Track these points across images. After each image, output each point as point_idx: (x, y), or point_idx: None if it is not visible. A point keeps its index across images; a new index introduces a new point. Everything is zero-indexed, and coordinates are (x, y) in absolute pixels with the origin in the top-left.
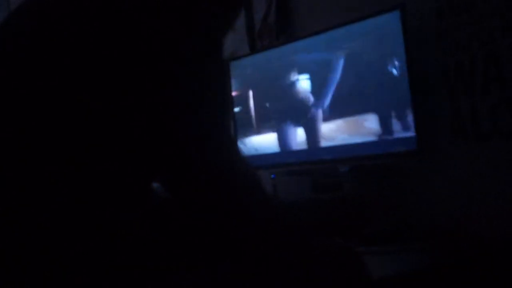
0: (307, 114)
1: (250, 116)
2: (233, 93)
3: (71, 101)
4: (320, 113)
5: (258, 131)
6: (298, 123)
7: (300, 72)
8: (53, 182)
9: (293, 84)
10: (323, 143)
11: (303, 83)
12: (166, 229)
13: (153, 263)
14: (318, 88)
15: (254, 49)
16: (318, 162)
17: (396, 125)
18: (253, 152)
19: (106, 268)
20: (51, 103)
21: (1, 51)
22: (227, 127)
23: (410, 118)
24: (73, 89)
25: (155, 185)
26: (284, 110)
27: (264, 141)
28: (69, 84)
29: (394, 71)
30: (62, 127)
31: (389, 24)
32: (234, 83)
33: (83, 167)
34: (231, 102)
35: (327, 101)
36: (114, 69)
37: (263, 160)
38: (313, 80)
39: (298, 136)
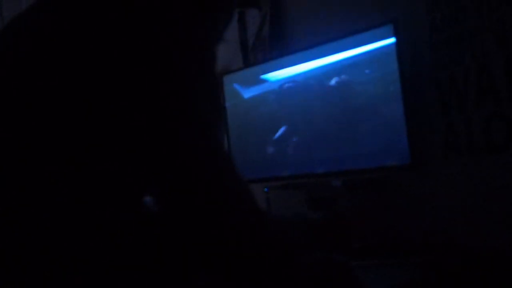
0: (301, 126)
1: (244, 129)
2: (226, 106)
3: (71, 101)
4: (314, 126)
5: (252, 144)
6: (292, 136)
7: (294, 84)
8: (53, 182)
9: (287, 97)
10: (317, 157)
11: (297, 95)
12: (161, 233)
13: (149, 265)
14: (312, 101)
15: (247, 63)
16: (311, 176)
17: (390, 138)
18: (246, 165)
19: (105, 269)
20: (51, 103)
21: (2, 52)
22: (219, 139)
23: (403, 131)
24: (72, 89)
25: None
26: (277, 124)
27: (257, 154)
28: (69, 84)
29: (388, 85)
30: (62, 127)
31: (382, 37)
32: (227, 96)
33: (82, 167)
34: (223, 115)
35: (321, 114)
36: (112, 70)
37: (256, 173)
38: (306, 93)
39: (292, 149)
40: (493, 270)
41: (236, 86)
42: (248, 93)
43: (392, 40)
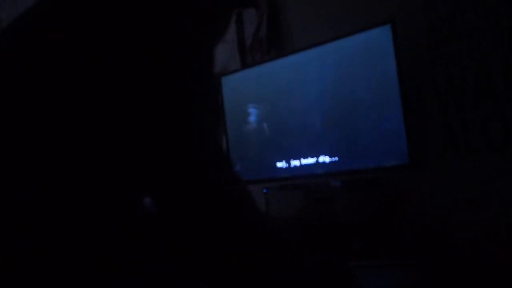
0: (299, 128)
1: (242, 130)
2: (224, 108)
3: (71, 103)
4: (312, 127)
5: (250, 145)
6: (290, 137)
7: (291, 86)
8: (53, 183)
9: (284, 98)
10: (315, 158)
11: (294, 97)
12: (159, 234)
13: (148, 266)
14: (309, 103)
15: (245, 64)
16: (310, 176)
17: (388, 139)
18: (245, 166)
19: (104, 269)
20: (52, 105)
21: (3, 53)
22: (217, 140)
23: (402, 132)
24: (73, 91)
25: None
26: (276, 125)
27: (256, 155)
28: (69, 86)
29: (386, 85)
30: (62, 129)
31: (380, 38)
32: (225, 97)
33: (82, 169)
34: (221, 117)
35: (319, 115)
36: (111, 72)
37: (256, 174)
38: (304, 94)
39: (290, 150)
40: (492, 271)
41: (234, 87)
42: (246, 94)
43: (389, 40)
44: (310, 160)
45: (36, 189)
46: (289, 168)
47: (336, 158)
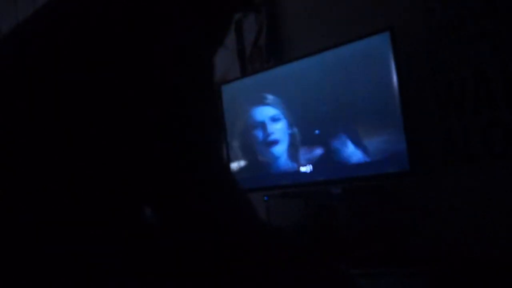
0: (299, 135)
1: (242, 138)
2: (224, 116)
3: (71, 110)
4: (312, 134)
5: (250, 153)
6: (291, 145)
7: (291, 94)
8: (53, 184)
9: (284, 106)
10: (316, 165)
11: (294, 105)
12: (159, 242)
13: (145, 272)
14: (309, 110)
15: (245, 73)
16: (311, 184)
17: (388, 146)
18: (245, 174)
19: (101, 270)
20: (53, 109)
21: (5, 56)
22: (218, 149)
23: (402, 139)
24: (74, 98)
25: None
26: (276, 133)
27: (256, 163)
28: (70, 93)
29: (386, 93)
30: (63, 130)
31: (379, 46)
32: (225, 106)
33: (82, 170)
34: (222, 125)
35: (319, 122)
36: (111, 79)
37: (256, 182)
38: (304, 102)
39: (291, 158)
40: (494, 277)
41: (234, 95)
42: (246, 102)
43: (388, 47)
44: (311, 168)
45: (37, 189)
46: (289, 176)
47: (337, 165)
